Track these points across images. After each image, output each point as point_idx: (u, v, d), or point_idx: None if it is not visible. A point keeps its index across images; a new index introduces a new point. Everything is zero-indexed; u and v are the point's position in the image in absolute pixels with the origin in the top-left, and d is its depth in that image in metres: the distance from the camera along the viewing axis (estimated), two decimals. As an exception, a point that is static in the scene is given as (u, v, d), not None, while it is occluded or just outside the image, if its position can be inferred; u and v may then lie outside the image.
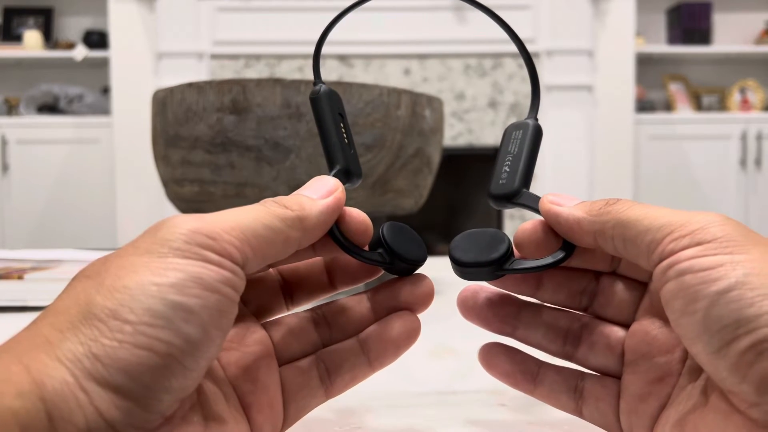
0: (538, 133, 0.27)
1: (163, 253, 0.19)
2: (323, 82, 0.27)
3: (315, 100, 0.27)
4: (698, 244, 0.19)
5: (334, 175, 0.25)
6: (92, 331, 0.17)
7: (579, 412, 0.26)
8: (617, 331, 0.26)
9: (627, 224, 0.22)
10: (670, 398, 0.23)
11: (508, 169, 0.26)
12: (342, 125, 0.27)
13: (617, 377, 0.25)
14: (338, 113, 0.27)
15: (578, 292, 0.26)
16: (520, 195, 0.26)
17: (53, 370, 0.16)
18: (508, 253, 0.25)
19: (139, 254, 0.19)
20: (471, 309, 0.27)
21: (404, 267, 0.25)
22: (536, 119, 0.28)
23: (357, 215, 0.25)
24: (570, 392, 0.26)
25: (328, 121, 0.26)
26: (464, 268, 0.25)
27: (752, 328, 0.18)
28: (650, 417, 0.23)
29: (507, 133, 0.28)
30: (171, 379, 0.17)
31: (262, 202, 0.22)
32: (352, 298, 0.26)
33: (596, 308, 0.26)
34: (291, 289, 0.26)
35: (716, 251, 0.19)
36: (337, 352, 0.25)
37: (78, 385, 0.16)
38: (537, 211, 0.25)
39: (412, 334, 0.26)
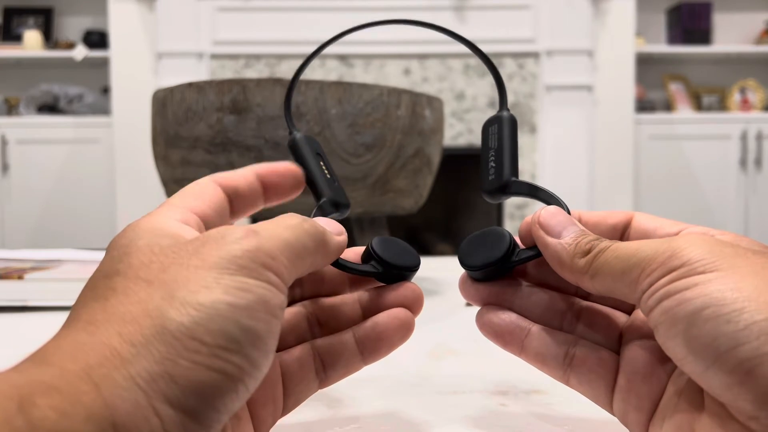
0: (513, 123, 0.29)
1: (233, 270, 0.18)
2: (297, 130, 0.29)
3: (293, 146, 0.29)
4: (671, 271, 0.20)
5: (321, 205, 0.27)
6: (168, 350, 0.17)
7: (566, 380, 0.25)
8: (619, 315, 0.26)
9: (605, 275, 0.22)
10: (666, 386, 0.23)
11: (494, 164, 0.28)
12: (322, 163, 0.29)
13: (616, 352, 0.25)
14: (317, 153, 0.29)
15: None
16: (511, 185, 0.27)
17: (126, 392, 0.16)
18: (512, 247, 0.26)
19: (207, 267, 0.18)
20: (469, 289, 0.27)
21: (397, 274, 0.26)
22: (507, 110, 0.29)
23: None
24: (559, 357, 0.25)
25: (309, 160, 0.28)
26: (477, 272, 0.26)
27: (733, 345, 0.18)
28: (651, 400, 0.23)
29: (484, 131, 0.29)
30: (236, 401, 0.18)
31: (293, 217, 0.22)
32: (344, 301, 0.27)
33: (596, 301, 0.27)
34: (303, 286, 0.27)
35: (688, 273, 0.19)
36: (334, 346, 0.26)
37: (151, 408, 0.16)
38: (530, 197, 0.27)
39: (406, 332, 0.26)
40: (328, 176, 0.28)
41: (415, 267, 0.26)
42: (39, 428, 0.14)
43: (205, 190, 0.24)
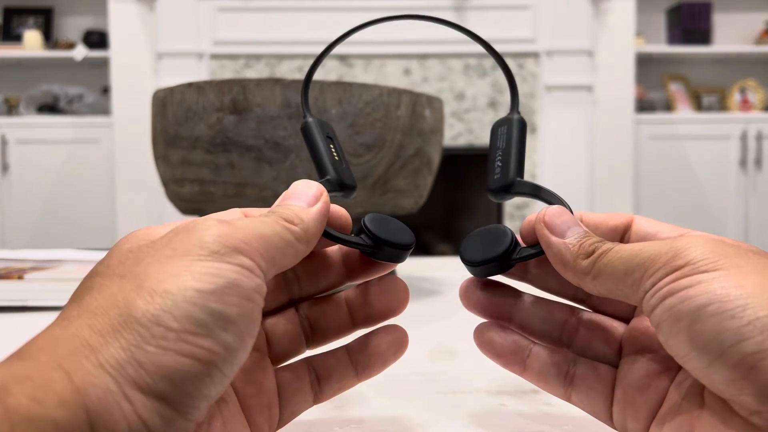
0: (522, 126, 0.29)
1: (203, 256, 0.18)
2: (311, 115, 0.29)
3: (305, 128, 0.29)
4: (674, 270, 0.20)
5: (323, 183, 0.26)
6: (135, 337, 0.17)
7: (568, 397, 0.26)
8: (616, 326, 0.26)
9: (607, 276, 0.22)
10: (667, 394, 0.23)
11: (500, 164, 0.28)
12: (332, 146, 0.28)
13: (613, 366, 0.25)
14: (327, 136, 0.29)
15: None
16: (515, 185, 0.27)
17: (96, 378, 0.16)
18: (513, 244, 0.26)
19: (178, 256, 0.19)
20: (470, 298, 0.27)
21: (388, 251, 0.26)
22: (518, 113, 0.29)
23: (336, 209, 0.26)
24: (560, 376, 0.26)
25: (317, 141, 0.28)
26: (477, 267, 0.26)
27: (737, 340, 0.18)
28: (648, 410, 0.23)
29: (493, 131, 0.29)
30: (210, 386, 0.18)
31: (268, 215, 0.22)
32: (331, 302, 0.27)
33: (595, 302, 0.27)
34: (300, 282, 0.27)
35: (691, 272, 0.20)
36: (328, 361, 0.26)
37: (122, 394, 0.16)
38: (534, 197, 0.27)
39: (399, 349, 0.26)
40: (336, 158, 0.28)
41: (406, 245, 0.26)
42: (14, 413, 0.15)
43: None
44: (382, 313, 0.26)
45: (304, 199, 0.24)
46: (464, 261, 0.26)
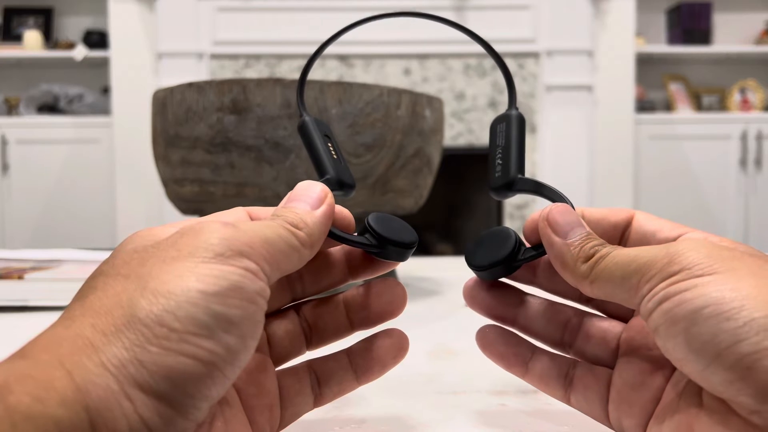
0: (520, 121, 0.29)
1: (207, 258, 0.19)
2: (308, 114, 0.29)
3: (302, 127, 0.29)
4: (669, 276, 0.20)
5: (323, 183, 0.26)
6: (137, 337, 0.17)
7: (567, 399, 0.26)
8: (615, 325, 0.26)
9: (604, 281, 0.22)
10: (663, 393, 0.23)
11: (501, 161, 0.28)
12: (330, 144, 0.29)
13: (610, 368, 0.26)
14: (325, 135, 0.29)
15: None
16: (517, 182, 0.27)
17: (97, 377, 0.16)
18: (517, 246, 0.26)
19: (183, 258, 0.19)
20: (475, 298, 0.27)
21: (391, 250, 0.26)
22: (516, 109, 0.29)
23: (339, 210, 0.26)
24: (560, 379, 0.26)
25: (315, 140, 0.28)
26: (484, 271, 0.26)
27: (734, 341, 0.18)
28: (642, 408, 0.23)
29: (492, 129, 0.29)
30: (212, 387, 0.18)
31: (273, 218, 0.22)
32: (329, 303, 0.27)
33: (599, 302, 0.27)
34: (303, 280, 0.27)
35: (687, 277, 0.20)
36: (328, 364, 0.26)
37: (123, 393, 0.16)
38: (536, 194, 0.27)
39: (398, 353, 0.26)
40: (335, 156, 0.28)
41: (410, 244, 0.26)
42: (15, 412, 0.15)
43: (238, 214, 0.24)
44: (380, 315, 0.27)
45: (309, 202, 0.24)
46: (471, 266, 0.27)
